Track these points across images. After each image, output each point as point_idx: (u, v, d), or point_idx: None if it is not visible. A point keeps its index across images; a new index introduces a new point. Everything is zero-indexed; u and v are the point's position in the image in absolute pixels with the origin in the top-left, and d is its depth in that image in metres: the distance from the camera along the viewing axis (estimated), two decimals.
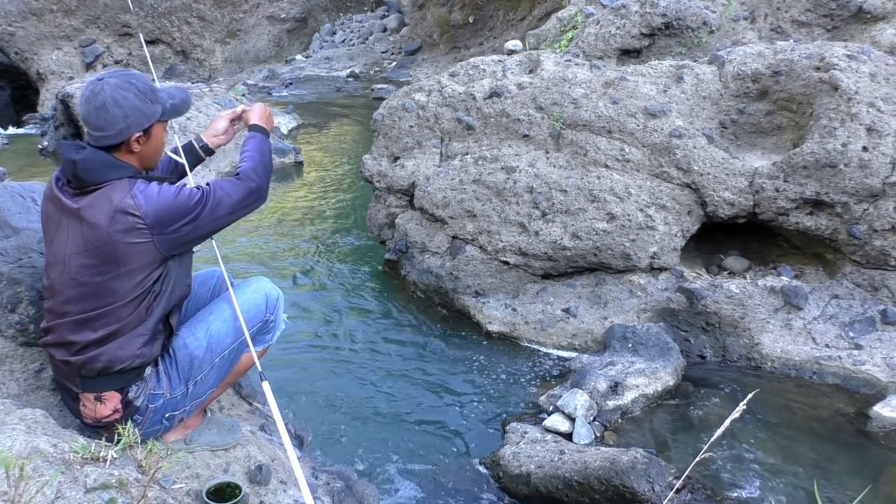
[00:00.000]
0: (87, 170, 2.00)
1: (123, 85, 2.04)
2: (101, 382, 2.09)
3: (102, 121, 2.02)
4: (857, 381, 3.70)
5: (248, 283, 2.42)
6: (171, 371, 2.20)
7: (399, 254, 5.13)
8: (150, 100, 2.08)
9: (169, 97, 2.19)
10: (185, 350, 2.23)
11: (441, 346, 4.42)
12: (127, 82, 2.06)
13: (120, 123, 2.02)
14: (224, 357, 2.31)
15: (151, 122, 2.09)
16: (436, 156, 5.02)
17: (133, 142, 2.06)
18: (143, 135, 2.08)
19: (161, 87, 2.23)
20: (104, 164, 2.03)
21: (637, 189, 4.26)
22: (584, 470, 2.96)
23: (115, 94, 2.01)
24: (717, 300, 4.04)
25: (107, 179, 2.01)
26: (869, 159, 3.78)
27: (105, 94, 2.01)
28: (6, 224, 2.54)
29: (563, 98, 4.55)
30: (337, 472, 2.76)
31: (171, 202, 2.01)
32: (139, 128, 2.05)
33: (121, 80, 2.06)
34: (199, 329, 2.27)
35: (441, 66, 13.19)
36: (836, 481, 3.06)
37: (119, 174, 2.03)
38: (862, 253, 3.93)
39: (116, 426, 2.05)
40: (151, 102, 2.09)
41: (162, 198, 2.01)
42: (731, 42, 5.34)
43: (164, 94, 2.19)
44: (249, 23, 16.10)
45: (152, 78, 2.55)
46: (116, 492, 1.71)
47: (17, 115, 13.29)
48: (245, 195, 2.18)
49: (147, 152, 2.13)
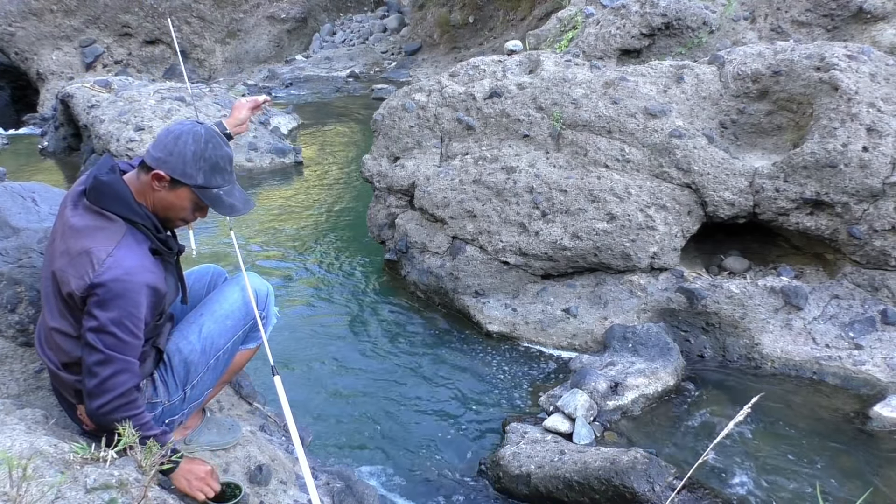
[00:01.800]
0: (101, 193, 1.97)
1: (198, 136, 2.00)
2: None
3: (159, 141, 2.01)
4: (857, 381, 3.70)
5: (238, 281, 2.40)
6: (167, 378, 2.18)
7: (399, 254, 5.13)
8: (200, 167, 1.99)
9: (226, 192, 2.07)
10: (179, 355, 2.19)
11: (441, 346, 4.42)
12: (204, 139, 2.00)
13: (162, 153, 1.99)
14: (219, 358, 2.29)
15: (182, 180, 1.99)
16: (436, 156, 5.02)
17: (155, 178, 1.99)
18: (168, 181, 1.99)
19: (235, 183, 2.11)
20: (118, 197, 1.97)
21: (637, 189, 4.26)
22: (584, 470, 2.96)
23: (185, 135, 1.99)
24: (717, 300, 4.04)
25: (112, 210, 1.96)
26: (869, 159, 3.78)
27: (182, 129, 2.00)
28: (6, 224, 2.54)
29: (563, 98, 4.55)
30: (337, 472, 2.76)
31: (120, 301, 1.88)
32: (169, 172, 1.98)
33: (204, 134, 2.02)
34: (191, 332, 2.23)
35: (441, 66, 13.19)
36: (836, 481, 3.06)
37: (125, 213, 1.97)
38: (862, 253, 3.93)
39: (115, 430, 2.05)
40: (199, 169, 1.99)
41: (122, 288, 1.88)
42: (731, 42, 5.34)
43: (225, 183, 2.06)
44: (249, 23, 16.11)
45: (186, 85, 2.48)
46: (117, 492, 1.71)
47: (17, 115, 13.30)
48: (96, 394, 1.90)
49: (164, 202, 2.03)
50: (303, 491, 2.43)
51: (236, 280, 2.40)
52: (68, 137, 9.42)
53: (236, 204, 2.10)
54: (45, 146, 9.58)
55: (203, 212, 2.12)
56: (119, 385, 1.92)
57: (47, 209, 2.72)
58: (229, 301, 2.30)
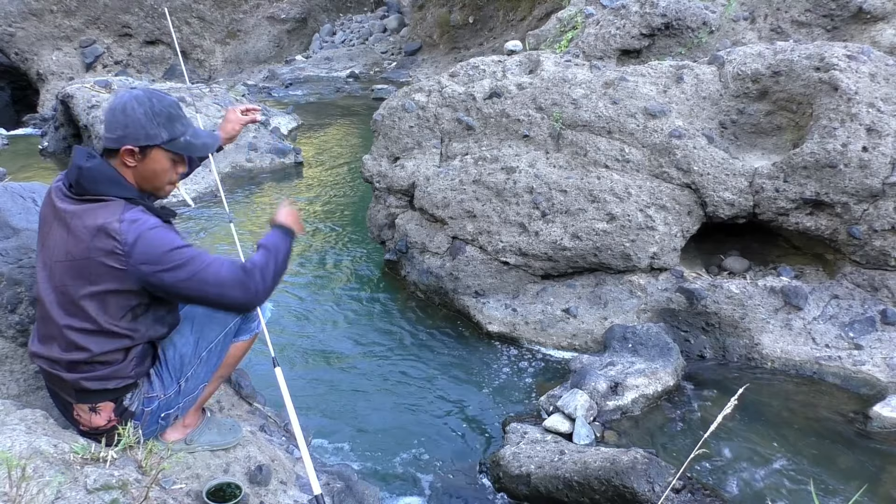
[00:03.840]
0: (90, 179, 1.98)
1: (140, 98, 2.02)
2: (94, 395, 2.08)
3: (109, 122, 2.03)
4: (857, 381, 3.70)
5: None
6: (162, 372, 2.21)
7: (399, 254, 5.13)
8: (158, 123, 2.02)
9: (191, 134, 2.10)
10: (173, 349, 2.23)
11: (441, 346, 4.42)
12: (146, 98, 2.02)
13: (119, 130, 2.00)
14: (211, 350, 2.30)
15: (149, 143, 2.01)
16: (436, 156, 5.02)
17: (126, 154, 2.01)
18: (138, 152, 2.02)
19: (192, 123, 2.15)
20: (108, 178, 2.00)
21: (637, 189, 4.26)
22: (584, 470, 2.96)
23: (128, 103, 2.00)
24: (717, 300, 4.04)
25: (106, 194, 1.98)
26: (869, 159, 3.78)
27: (123, 100, 2.02)
28: (6, 224, 2.54)
29: (563, 98, 4.55)
30: (337, 473, 2.75)
31: (157, 243, 1.94)
32: (134, 142, 2.00)
33: (142, 94, 2.04)
34: (184, 325, 2.26)
35: (441, 67, 13.19)
36: (836, 481, 3.06)
37: (119, 192, 2.00)
38: (862, 253, 3.93)
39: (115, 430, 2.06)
40: (157, 125, 2.01)
41: (151, 235, 1.94)
42: (731, 42, 5.34)
43: (186, 128, 2.09)
44: (249, 23, 16.12)
45: (187, 84, 2.51)
46: (118, 492, 1.71)
47: (17, 115, 13.30)
48: (236, 287, 2.02)
49: (143, 173, 2.06)
50: (303, 491, 2.43)
51: None
52: (68, 138, 9.42)
53: (207, 141, 2.18)
54: (45, 146, 9.58)
55: (182, 164, 2.18)
56: (234, 272, 2.02)
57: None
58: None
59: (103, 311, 1.98)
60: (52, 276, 2.01)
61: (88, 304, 1.97)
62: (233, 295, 2.02)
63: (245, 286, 2.03)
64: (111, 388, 2.07)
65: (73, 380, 2.04)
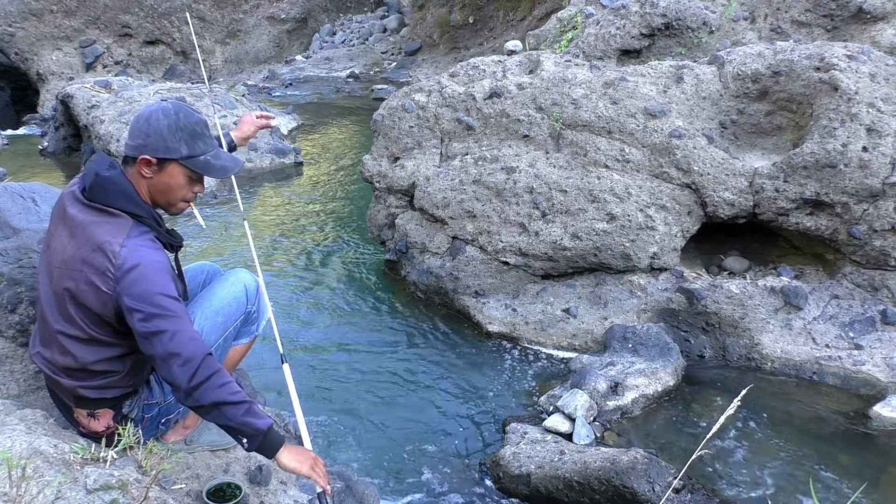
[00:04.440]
0: (104, 190, 1.95)
1: (167, 111, 1.99)
2: (93, 403, 2.08)
3: (132, 129, 2.01)
4: (857, 381, 3.70)
5: (227, 277, 2.40)
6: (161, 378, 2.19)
7: (399, 254, 5.13)
8: (179, 137, 1.98)
9: (212, 155, 2.06)
10: None
11: (441, 346, 4.42)
12: (173, 111, 2.00)
13: (140, 139, 1.98)
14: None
15: (167, 156, 1.98)
16: (436, 156, 5.02)
17: (143, 164, 1.98)
18: (156, 163, 1.99)
19: (216, 145, 2.10)
20: (122, 192, 1.96)
21: (637, 189, 4.26)
22: (584, 470, 2.96)
23: (154, 113, 1.99)
24: (717, 300, 4.04)
25: (116, 206, 1.95)
26: (869, 159, 3.78)
27: (150, 110, 2.00)
28: (6, 224, 2.54)
29: (563, 98, 4.55)
30: (337, 473, 2.75)
31: (150, 280, 1.88)
32: (153, 153, 1.97)
33: (171, 107, 2.01)
34: None
35: (441, 67, 13.19)
36: (836, 481, 3.06)
37: (131, 208, 1.96)
38: (862, 253, 3.93)
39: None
40: (178, 140, 1.98)
41: (147, 272, 1.88)
42: (731, 42, 5.34)
43: (208, 148, 2.05)
44: (249, 23, 16.12)
45: (207, 88, 2.49)
46: (118, 493, 1.71)
47: (17, 115, 13.30)
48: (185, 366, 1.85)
49: (158, 186, 2.03)
50: (303, 491, 2.43)
51: (226, 277, 2.40)
52: (68, 138, 9.42)
53: (227, 164, 2.11)
54: (45, 146, 9.58)
55: (200, 184, 2.12)
56: (196, 352, 1.86)
57: (47, 210, 2.72)
58: (219, 297, 2.30)
59: (90, 321, 1.96)
60: (52, 280, 2.00)
61: (76, 314, 1.95)
62: (174, 370, 1.85)
63: (191, 374, 1.85)
64: (109, 397, 2.07)
65: (71, 386, 2.03)
